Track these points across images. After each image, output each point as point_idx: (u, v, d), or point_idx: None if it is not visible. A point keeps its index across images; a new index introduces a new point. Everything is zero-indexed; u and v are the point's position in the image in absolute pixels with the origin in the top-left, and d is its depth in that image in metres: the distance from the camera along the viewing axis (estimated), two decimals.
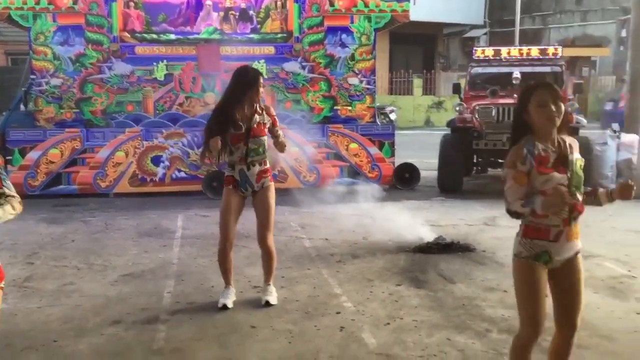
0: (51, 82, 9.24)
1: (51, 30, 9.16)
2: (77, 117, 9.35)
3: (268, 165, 4.76)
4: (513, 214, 2.83)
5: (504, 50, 10.83)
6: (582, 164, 2.90)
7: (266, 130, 4.68)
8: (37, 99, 9.31)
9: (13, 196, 2.69)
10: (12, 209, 2.64)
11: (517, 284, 2.95)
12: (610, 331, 4.21)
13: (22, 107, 10.36)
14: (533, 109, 2.83)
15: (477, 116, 9.60)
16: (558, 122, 2.83)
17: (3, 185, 2.69)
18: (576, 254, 2.93)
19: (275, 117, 4.78)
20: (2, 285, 2.71)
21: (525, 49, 10.89)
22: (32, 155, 9.12)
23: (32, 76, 9.29)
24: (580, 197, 2.87)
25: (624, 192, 2.79)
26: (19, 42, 18.43)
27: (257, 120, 4.63)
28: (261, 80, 4.66)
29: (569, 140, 2.94)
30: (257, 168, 4.65)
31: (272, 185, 4.77)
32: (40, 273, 5.61)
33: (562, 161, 2.85)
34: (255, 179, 4.66)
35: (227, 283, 4.81)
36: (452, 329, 4.25)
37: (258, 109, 4.67)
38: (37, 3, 9.06)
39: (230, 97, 4.61)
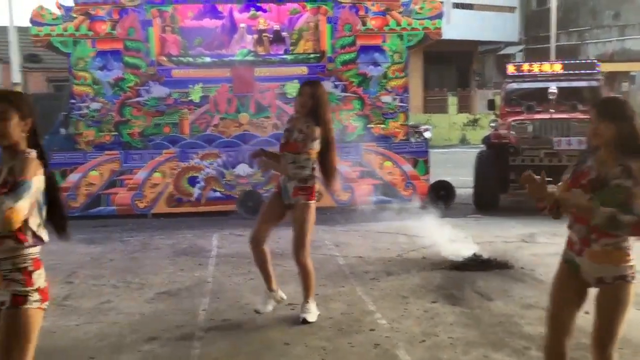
0: (91, 106, 9.46)
1: (90, 56, 9.40)
2: (116, 140, 9.54)
3: (311, 184, 4.68)
4: None
5: (544, 66, 10.71)
6: (621, 192, 2.72)
7: (301, 148, 4.60)
8: (77, 122, 9.53)
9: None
10: None
11: None
12: None
13: (61, 130, 10.66)
14: None
15: (513, 132, 9.48)
16: (595, 140, 2.86)
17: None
18: (615, 279, 2.84)
19: (307, 141, 4.56)
20: (45, 307, 2.70)
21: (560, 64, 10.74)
22: (73, 177, 9.30)
23: (72, 100, 9.52)
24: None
25: (529, 186, 2.89)
26: (60, 69, 19.03)
27: (295, 136, 4.67)
28: (307, 89, 4.63)
29: (634, 166, 2.71)
30: (293, 183, 4.67)
31: (310, 204, 4.68)
32: (79, 292, 5.72)
33: (596, 183, 2.81)
34: (290, 193, 4.69)
35: (267, 287, 4.85)
36: (489, 347, 4.17)
37: (302, 125, 4.64)
38: (77, 29, 9.32)
39: None
